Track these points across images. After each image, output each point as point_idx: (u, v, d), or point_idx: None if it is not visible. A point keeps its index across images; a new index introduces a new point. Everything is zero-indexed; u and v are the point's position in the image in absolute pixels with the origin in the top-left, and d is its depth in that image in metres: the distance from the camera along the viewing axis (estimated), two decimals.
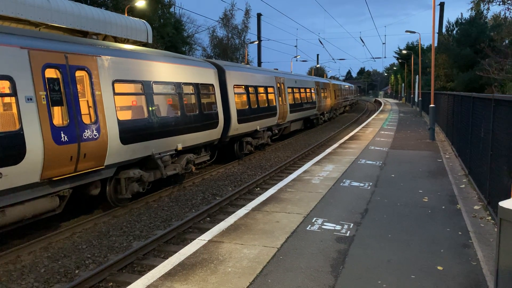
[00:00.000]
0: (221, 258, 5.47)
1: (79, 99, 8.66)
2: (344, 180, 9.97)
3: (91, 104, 8.99)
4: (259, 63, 52.29)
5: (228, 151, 16.96)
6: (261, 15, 52.61)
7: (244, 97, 17.26)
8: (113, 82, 9.62)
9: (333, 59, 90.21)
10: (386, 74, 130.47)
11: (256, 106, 18.17)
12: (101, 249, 7.96)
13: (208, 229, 7.10)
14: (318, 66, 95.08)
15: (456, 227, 6.60)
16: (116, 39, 12.83)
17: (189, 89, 12.91)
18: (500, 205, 3.41)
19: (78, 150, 8.37)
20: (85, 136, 8.55)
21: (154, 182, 11.02)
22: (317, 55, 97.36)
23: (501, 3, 20.97)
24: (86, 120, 8.76)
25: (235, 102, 16.07)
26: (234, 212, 8.03)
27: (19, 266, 7.19)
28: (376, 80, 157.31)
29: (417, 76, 41.70)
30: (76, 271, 7.08)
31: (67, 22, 10.93)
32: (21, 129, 7.27)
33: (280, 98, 21.65)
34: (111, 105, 9.44)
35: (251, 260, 5.40)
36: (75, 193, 9.11)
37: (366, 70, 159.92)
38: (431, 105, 18.93)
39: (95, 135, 8.84)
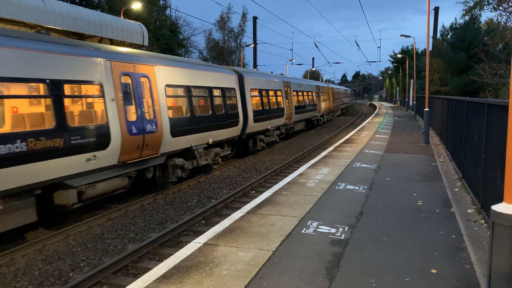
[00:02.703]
0: (216, 261, 5.47)
1: (143, 100, 10.74)
2: (339, 183, 10.01)
3: (150, 104, 11.02)
4: (255, 66, 52.39)
5: (243, 148, 18.85)
6: (257, 18, 52.73)
7: (259, 99, 19.42)
8: (165, 86, 11.79)
9: (328, 62, 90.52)
10: (381, 78, 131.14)
11: (268, 107, 20.40)
12: (96, 252, 7.94)
13: (204, 232, 7.10)
14: (313, 69, 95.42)
15: (450, 230, 6.65)
16: (112, 42, 12.83)
17: (217, 92, 15.05)
18: (493, 209, 3.45)
19: (143, 140, 10.49)
20: (147, 129, 10.67)
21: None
22: (313, 58, 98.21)
23: (492, 9, 21.15)
24: (147, 116, 10.77)
25: (251, 104, 18.23)
26: (229, 215, 8.04)
27: (13, 268, 7.15)
28: (371, 84, 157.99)
29: (411, 80, 41.94)
30: (71, 274, 7.05)
31: (63, 24, 10.93)
32: (108, 122, 9.40)
33: (287, 100, 23.93)
34: (164, 104, 11.55)
35: (246, 263, 5.41)
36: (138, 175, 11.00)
37: (361, 73, 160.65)
38: (426, 109, 19.05)
39: (154, 129, 10.93)
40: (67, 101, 8.65)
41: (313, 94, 32.14)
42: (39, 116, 8.10)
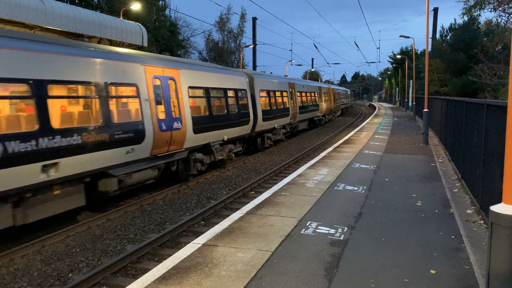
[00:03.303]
0: (215, 262, 5.47)
1: (170, 100, 11.86)
2: (338, 184, 10.02)
3: (176, 104, 12.14)
4: (254, 67, 52.40)
5: (252, 145, 20.02)
6: (256, 19, 52.74)
7: (267, 100, 20.71)
8: (188, 88, 12.96)
9: (327, 63, 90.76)
10: (380, 79, 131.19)
11: (275, 107, 21.74)
12: (95, 253, 7.93)
13: (203, 232, 7.09)
14: (313, 70, 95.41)
15: (449, 231, 6.65)
16: (111, 42, 12.83)
17: (231, 93, 16.37)
18: (492, 210, 3.45)
19: (171, 136, 11.67)
20: (174, 127, 11.84)
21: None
22: (312, 59, 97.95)
23: (492, 10, 21.17)
24: (174, 115, 11.92)
25: (260, 104, 19.50)
26: (228, 215, 8.04)
27: (12, 269, 7.14)
28: (371, 85, 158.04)
29: (411, 80, 41.98)
30: (70, 275, 7.04)
31: (62, 25, 10.92)
32: (142, 120, 10.56)
33: (291, 101, 25.28)
34: (187, 104, 12.72)
35: (245, 263, 5.41)
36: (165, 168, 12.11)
37: (360, 74, 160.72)
38: (425, 110, 19.06)
39: (179, 126, 12.14)
40: (111, 101, 9.78)
41: (316, 95, 33.29)
42: (91, 114, 9.33)
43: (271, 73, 28.21)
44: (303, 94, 28.85)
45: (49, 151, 7.88)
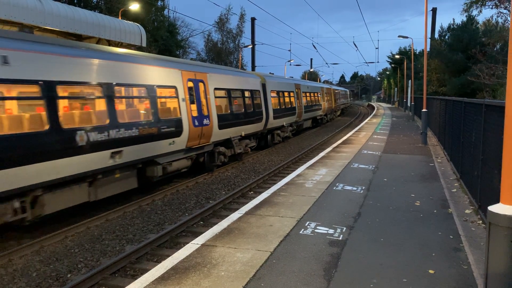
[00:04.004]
0: (214, 262, 5.47)
1: (200, 99, 13.77)
2: (337, 184, 10.02)
3: (204, 103, 14.02)
4: (253, 67, 52.39)
5: (263, 141, 21.65)
6: (255, 19, 52.74)
7: (277, 100, 22.63)
8: (214, 89, 14.87)
9: (326, 63, 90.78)
10: (379, 79, 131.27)
11: (283, 107, 23.70)
12: (94, 253, 7.93)
13: (202, 232, 7.10)
14: (311, 70, 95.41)
15: (448, 231, 6.66)
16: (110, 43, 12.82)
17: (247, 94, 18.20)
18: (490, 210, 3.46)
19: (201, 131, 13.52)
20: (204, 123, 13.69)
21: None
22: (311, 59, 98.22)
23: (493, 6, 21.19)
24: (203, 113, 13.77)
25: (271, 104, 21.36)
26: (227, 215, 8.04)
27: (11, 270, 7.14)
28: (369, 85, 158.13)
29: (409, 80, 42.01)
30: (68, 275, 7.04)
31: (61, 25, 10.91)
32: (181, 117, 12.39)
33: (298, 101, 27.16)
34: (213, 103, 14.62)
35: (244, 264, 5.41)
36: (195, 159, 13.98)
37: (359, 74, 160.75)
38: (424, 110, 19.09)
39: (208, 123, 13.96)
40: (158, 100, 11.57)
41: (318, 95, 35.21)
42: (145, 111, 11.15)
43: (270, 73, 28.58)
44: (307, 94, 30.69)
45: (116, 141, 9.66)
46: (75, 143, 8.50)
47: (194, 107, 13.26)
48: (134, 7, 24.96)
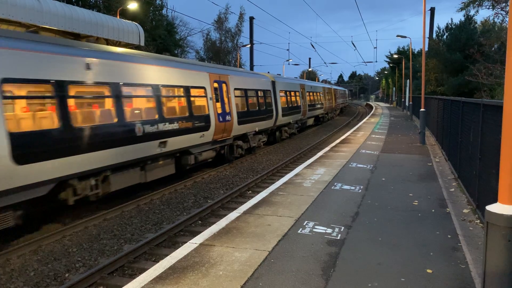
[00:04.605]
0: (212, 262, 5.47)
1: (224, 98, 15.80)
2: (335, 184, 10.03)
3: (227, 102, 16.04)
4: (251, 67, 52.38)
5: (271, 137, 23.29)
6: (253, 18, 52.70)
7: (284, 99, 24.58)
8: (234, 89, 16.92)
9: (325, 63, 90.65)
10: (377, 78, 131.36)
11: (291, 105, 25.67)
12: (92, 252, 7.91)
13: (200, 232, 7.09)
14: (310, 69, 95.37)
15: (446, 230, 6.67)
16: (108, 42, 12.79)
17: (260, 93, 20.27)
18: (487, 209, 3.46)
19: (224, 126, 15.58)
20: (226, 119, 15.75)
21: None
22: (309, 58, 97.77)
23: (490, 7, 21.19)
24: (226, 110, 15.81)
25: (280, 102, 23.21)
26: (225, 215, 8.03)
27: (8, 269, 7.12)
28: (368, 84, 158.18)
29: (407, 80, 42.05)
30: (66, 275, 7.03)
31: (59, 24, 10.88)
32: (209, 113, 14.39)
33: (302, 100, 29.25)
34: (234, 102, 16.67)
35: (242, 263, 5.41)
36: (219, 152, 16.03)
37: (357, 74, 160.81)
38: (422, 109, 19.11)
39: (229, 119, 16.04)
40: (192, 99, 13.56)
41: (320, 95, 37.30)
42: (183, 108, 13.06)
43: (269, 72, 28.79)
44: (311, 94, 32.78)
45: (163, 132, 11.57)
46: (135, 133, 10.46)
47: (218, 105, 15.21)
48: (132, 6, 24.91)
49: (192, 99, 13.53)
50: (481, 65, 22.11)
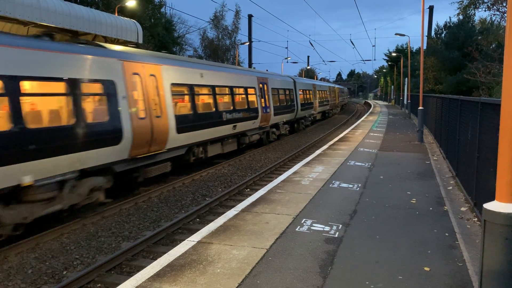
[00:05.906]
0: (210, 259, 5.47)
1: (265, 95, 20.86)
2: (333, 182, 10.04)
3: (267, 98, 21.05)
4: (250, 65, 52.31)
5: (291, 128, 27.60)
6: (252, 16, 52.62)
7: (302, 96, 30.05)
8: (271, 88, 22.18)
9: (323, 61, 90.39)
10: (376, 77, 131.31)
11: (306, 101, 31.14)
12: (90, 250, 7.91)
13: (198, 230, 7.09)
14: (308, 68, 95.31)
15: (443, 228, 6.69)
16: (106, 39, 12.75)
17: (287, 92, 25.69)
18: (485, 207, 3.47)
19: (266, 116, 20.49)
20: (267, 111, 20.69)
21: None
22: (308, 57, 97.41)
23: (486, 9, 21.24)
24: (267, 104, 20.79)
25: (299, 99, 28.68)
26: (223, 213, 8.04)
27: (6, 267, 7.11)
28: (366, 82, 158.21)
29: (406, 78, 42.07)
30: (64, 272, 7.02)
31: (57, 22, 10.83)
32: (257, 106, 19.54)
33: (314, 97, 34.57)
34: (271, 98, 21.77)
35: (240, 261, 5.41)
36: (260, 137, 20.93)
37: (356, 72, 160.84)
38: (420, 108, 19.12)
39: (269, 111, 21.04)
40: (248, 96, 18.64)
41: (327, 93, 42.50)
42: (245, 102, 18.27)
43: (267, 70, 30.25)
44: (319, 92, 38.06)
45: (235, 119, 16.67)
46: (222, 118, 15.53)
47: (262, 101, 20.23)
48: (131, 3, 24.84)
49: (248, 96, 18.62)
50: (479, 63, 22.14)
